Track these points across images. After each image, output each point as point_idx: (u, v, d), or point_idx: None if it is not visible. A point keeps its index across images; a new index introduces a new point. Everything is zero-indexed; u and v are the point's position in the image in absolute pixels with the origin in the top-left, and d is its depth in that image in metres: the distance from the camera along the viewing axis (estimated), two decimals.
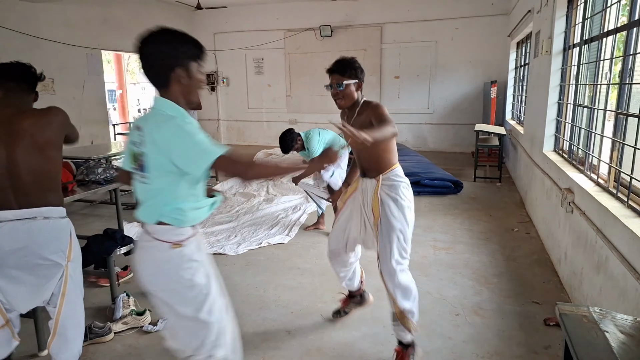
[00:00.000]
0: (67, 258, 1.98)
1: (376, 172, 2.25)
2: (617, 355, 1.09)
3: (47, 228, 1.90)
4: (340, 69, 2.17)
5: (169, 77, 1.45)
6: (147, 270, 1.55)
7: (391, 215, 2.18)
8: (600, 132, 2.99)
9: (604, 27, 3.04)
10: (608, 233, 2.29)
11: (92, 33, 7.91)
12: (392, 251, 2.17)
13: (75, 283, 2.05)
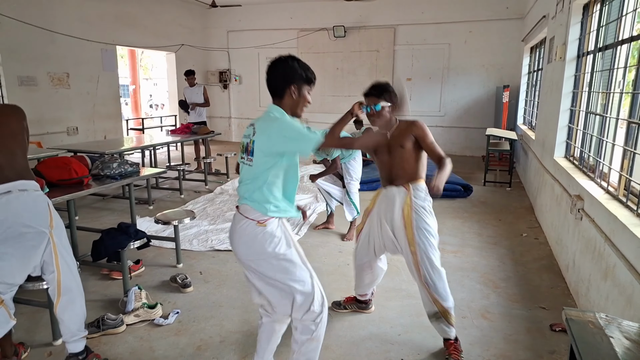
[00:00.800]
0: (50, 226, 2.12)
1: (406, 180, 2.38)
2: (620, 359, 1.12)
3: (23, 199, 2.05)
4: (376, 92, 2.35)
5: (285, 90, 1.85)
6: (239, 243, 1.88)
7: (425, 222, 2.32)
8: (611, 140, 2.99)
9: (619, 35, 3.04)
10: (617, 241, 2.30)
11: (107, 28, 8.04)
12: (432, 256, 2.31)
13: (65, 247, 2.20)
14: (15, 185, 2.04)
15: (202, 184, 6.42)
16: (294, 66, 1.86)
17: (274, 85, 1.87)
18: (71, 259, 2.26)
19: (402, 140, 2.35)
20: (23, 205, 2.05)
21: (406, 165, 2.37)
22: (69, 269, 2.23)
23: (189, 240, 4.10)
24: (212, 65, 11.16)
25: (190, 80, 7.33)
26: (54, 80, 7.12)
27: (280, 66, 1.86)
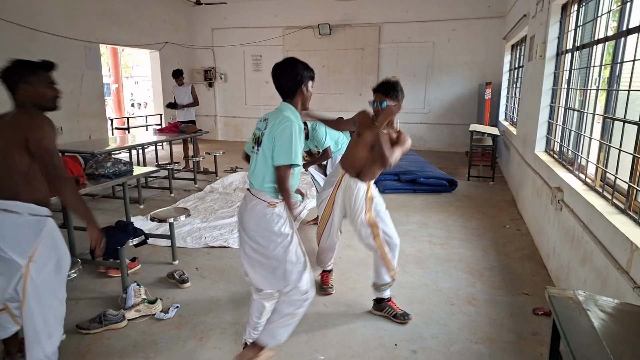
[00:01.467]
0: (29, 257, 1.89)
1: (369, 179, 2.73)
2: (597, 330, 1.25)
3: (6, 220, 1.88)
4: (385, 90, 2.50)
5: (297, 90, 2.09)
6: (249, 219, 2.08)
7: (378, 208, 2.75)
8: (589, 135, 3.17)
9: (595, 35, 3.22)
10: (594, 228, 2.47)
11: (90, 26, 7.92)
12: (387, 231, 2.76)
13: (37, 287, 1.91)
14: (2, 204, 1.88)
15: (191, 183, 6.45)
16: (300, 68, 2.08)
17: (286, 87, 2.10)
18: (39, 306, 1.92)
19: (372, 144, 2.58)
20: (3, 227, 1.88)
21: (377, 170, 2.66)
22: (30, 317, 1.92)
23: (182, 237, 4.15)
24: (197, 63, 11.12)
25: (179, 81, 7.33)
26: None
27: (288, 70, 2.07)
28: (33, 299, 1.91)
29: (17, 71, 1.93)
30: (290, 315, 2.13)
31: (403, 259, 3.70)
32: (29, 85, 1.93)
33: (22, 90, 1.93)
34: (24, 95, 1.93)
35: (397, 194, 5.87)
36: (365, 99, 10.29)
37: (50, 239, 1.95)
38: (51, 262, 1.95)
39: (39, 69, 1.96)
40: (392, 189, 5.92)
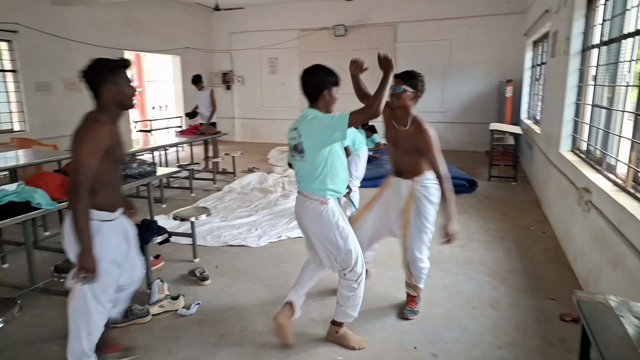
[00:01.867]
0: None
1: (412, 175, 2.59)
2: (632, 337, 1.19)
3: (68, 223, 1.97)
4: (403, 76, 2.52)
5: (319, 96, 2.22)
6: (308, 221, 2.29)
7: (423, 213, 2.59)
8: (618, 133, 3.06)
9: (624, 28, 3.10)
10: (625, 231, 2.37)
11: (116, 34, 8.21)
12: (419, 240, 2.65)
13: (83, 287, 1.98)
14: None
15: (210, 183, 6.52)
16: (322, 75, 2.22)
17: (310, 92, 2.25)
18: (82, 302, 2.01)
19: (407, 145, 2.53)
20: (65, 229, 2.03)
21: (411, 166, 2.58)
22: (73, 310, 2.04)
23: (202, 236, 4.19)
24: (216, 66, 11.24)
25: (198, 86, 7.44)
26: (67, 85, 7.30)
27: (311, 76, 2.23)
28: (78, 297, 2.00)
29: (100, 71, 1.90)
30: (354, 297, 2.37)
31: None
32: (112, 84, 1.90)
33: (106, 90, 1.90)
34: (108, 95, 1.91)
35: None
36: None
37: (100, 244, 1.95)
38: (102, 266, 1.97)
39: (119, 68, 1.93)
40: None
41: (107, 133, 1.90)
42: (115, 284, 2.11)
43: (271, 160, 8.46)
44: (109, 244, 2.01)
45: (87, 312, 2.02)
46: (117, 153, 1.98)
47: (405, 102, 2.51)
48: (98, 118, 1.92)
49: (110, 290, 2.09)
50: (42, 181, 2.90)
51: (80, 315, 2.03)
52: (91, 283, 1.94)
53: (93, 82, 1.91)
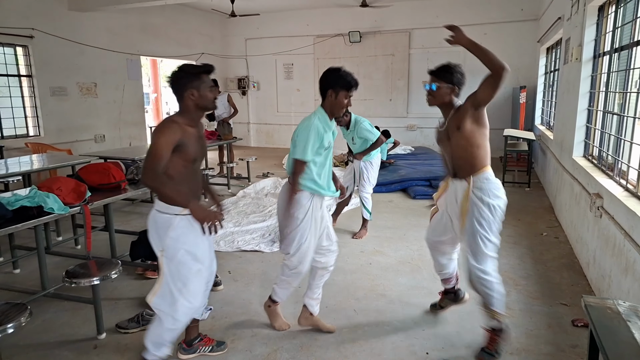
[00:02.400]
0: (161, 251, 2.10)
1: (466, 173, 2.33)
2: (638, 341, 1.21)
3: (152, 217, 2.12)
4: (437, 72, 2.38)
5: (325, 94, 2.39)
6: (280, 199, 2.52)
7: (479, 220, 2.29)
8: (629, 139, 3.05)
9: (635, 36, 3.09)
10: (636, 236, 2.36)
11: (132, 39, 8.36)
12: (479, 250, 2.32)
13: (167, 276, 2.09)
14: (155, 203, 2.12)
15: (225, 188, 6.61)
16: (332, 74, 2.35)
17: (320, 90, 2.42)
18: (168, 294, 2.11)
19: (459, 121, 2.28)
20: (150, 223, 2.13)
21: (465, 154, 2.30)
22: (161, 300, 2.13)
23: (215, 241, 4.25)
24: (231, 72, 11.42)
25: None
26: (83, 90, 7.45)
27: (324, 75, 2.39)
28: (163, 286, 2.12)
29: (185, 77, 2.04)
30: (283, 281, 2.61)
31: None
32: (195, 89, 2.04)
33: (189, 94, 2.04)
34: (190, 99, 2.05)
35: (430, 199, 5.79)
36: (395, 105, 10.25)
37: (175, 233, 2.05)
38: (177, 257, 2.07)
39: (202, 73, 2.07)
40: (424, 194, 5.85)
41: (179, 130, 2.00)
42: (196, 278, 2.14)
43: (286, 166, 8.53)
44: (182, 237, 2.07)
45: (173, 305, 2.10)
46: (190, 151, 2.04)
47: (443, 99, 2.35)
48: (173, 119, 2.06)
49: (193, 285, 2.13)
50: (56, 186, 2.90)
51: (165, 306, 2.12)
52: (220, 226, 2.10)
53: (177, 87, 2.05)
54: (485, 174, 2.32)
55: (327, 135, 2.41)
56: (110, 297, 3.18)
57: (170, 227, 2.05)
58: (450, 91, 2.34)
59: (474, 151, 2.29)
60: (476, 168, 2.31)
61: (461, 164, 2.35)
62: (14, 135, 6.55)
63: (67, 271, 2.60)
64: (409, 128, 9.96)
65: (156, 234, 2.10)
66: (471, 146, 2.29)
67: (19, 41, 6.41)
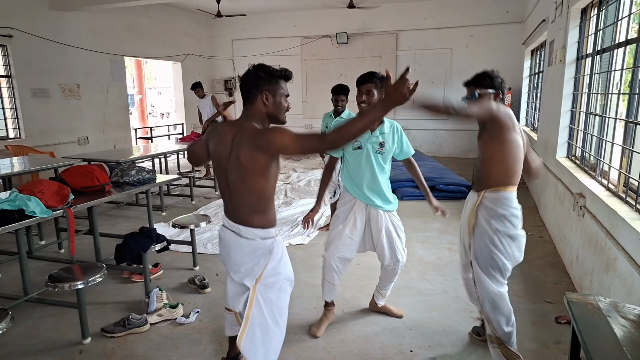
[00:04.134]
0: (256, 279, 1.83)
1: (481, 186, 2.15)
2: (618, 336, 1.24)
3: (248, 246, 1.84)
4: (474, 80, 2.18)
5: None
6: None
7: (485, 241, 2.11)
8: (611, 139, 3.11)
9: (616, 39, 3.17)
10: (617, 235, 2.42)
11: (116, 40, 8.24)
12: (484, 274, 2.15)
13: (262, 308, 1.81)
14: (239, 229, 1.83)
15: (212, 190, 6.57)
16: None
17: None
18: (263, 331, 1.82)
19: (482, 128, 2.13)
20: (239, 251, 1.86)
21: (483, 171, 2.13)
22: (251, 339, 1.82)
23: (203, 244, 4.23)
24: (218, 73, 11.36)
25: (199, 93, 7.44)
26: (66, 92, 7.31)
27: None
28: (254, 323, 1.81)
29: (260, 77, 1.75)
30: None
31: (422, 266, 3.69)
32: (270, 94, 1.75)
33: (262, 98, 1.74)
34: (261, 104, 1.74)
35: (417, 200, 5.83)
36: None
37: (276, 260, 1.86)
38: (282, 287, 1.87)
39: (280, 78, 1.79)
40: (411, 195, 5.90)
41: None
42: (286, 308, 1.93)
43: None
44: (285, 260, 1.92)
45: (268, 339, 1.83)
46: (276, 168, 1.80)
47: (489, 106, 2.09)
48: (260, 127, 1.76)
49: (286, 313, 1.91)
50: (38, 189, 2.80)
51: (259, 348, 1.82)
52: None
53: (249, 87, 1.75)
54: (501, 194, 2.11)
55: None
56: (95, 301, 3.13)
57: (272, 252, 1.85)
58: (495, 97, 2.13)
59: (491, 167, 2.11)
60: (489, 184, 2.11)
61: (478, 176, 2.20)
62: None
63: (51, 275, 2.55)
64: None
65: (252, 264, 1.84)
66: (489, 161, 2.11)
67: None
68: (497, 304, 2.15)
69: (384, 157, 2.55)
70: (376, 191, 2.55)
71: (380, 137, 2.52)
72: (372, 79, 2.46)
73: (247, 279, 1.85)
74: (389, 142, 2.53)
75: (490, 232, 2.10)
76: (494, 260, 2.12)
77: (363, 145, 2.52)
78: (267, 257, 1.84)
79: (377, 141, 2.51)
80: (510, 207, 2.12)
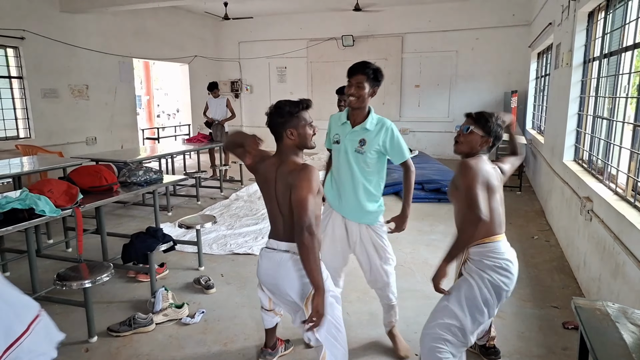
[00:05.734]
0: (307, 298, 1.88)
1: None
2: (627, 342, 1.23)
3: (290, 262, 1.90)
4: (475, 116, 2.05)
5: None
6: None
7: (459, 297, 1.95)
8: (619, 143, 3.09)
9: (623, 42, 3.15)
10: (625, 239, 2.40)
11: (124, 41, 8.33)
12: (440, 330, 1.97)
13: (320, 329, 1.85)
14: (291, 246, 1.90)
15: (217, 191, 6.59)
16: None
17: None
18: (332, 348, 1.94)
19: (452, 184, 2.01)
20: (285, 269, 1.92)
21: (459, 217, 1.98)
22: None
23: (208, 244, 4.25)
24: (224, 75, 11.41)
25: (214, 93, 7.52)
26: (75, 92, 7.39)
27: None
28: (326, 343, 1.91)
29: (283, 116, 1.87)
30: None
31: (427, 269, 3.68)
32: (294, 129, 1.88)
33: (289, 133, 1.88)
34: (290, 139, 1.89)
35: (422, 203, 5.82)
36: (388, 109, 10.28)
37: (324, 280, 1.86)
38: (327, 302, 1.86)
39: (301, 111, 1.90)
40: (416, 198, 5.88)
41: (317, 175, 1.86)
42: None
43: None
44: (329, 279, 1.99)
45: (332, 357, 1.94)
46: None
47: (472, 147, 1.98)
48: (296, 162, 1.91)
49: (342, 328, 2.01)
50: (47, 188, 2.83)
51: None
52: (317, 328, 1.82)
53: (275, 128, 1.91)
54: (488, 246, 1.93)
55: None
56: (101, 300, 3.16)
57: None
58: (482, 141, 1.98)
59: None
60: (476, 236, 1.88)
61: (458, 225, 1.99)
62: (4, 137, 6.45)
63: (59, 274, 2.57)
64: (402, 132, 9.98)
65: (303, 283, 1.89)
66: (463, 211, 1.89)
67: (10, 42, 6.34)
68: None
69: (365, 159, 2.27)
70: (355, 199, 2.30)
71: (361, 134, 2.28)
72: (364, 70, 2.23)
73: (298, 298, 1.92)
74: (373, 141, 2.25)
75: (479, 279, 1.91)
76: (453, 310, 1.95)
77: (341, 139, 2.32)
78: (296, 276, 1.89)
79: (357, 138, 2.29)
80: (500, 259, 1.92)
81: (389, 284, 2.45)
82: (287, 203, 1.86)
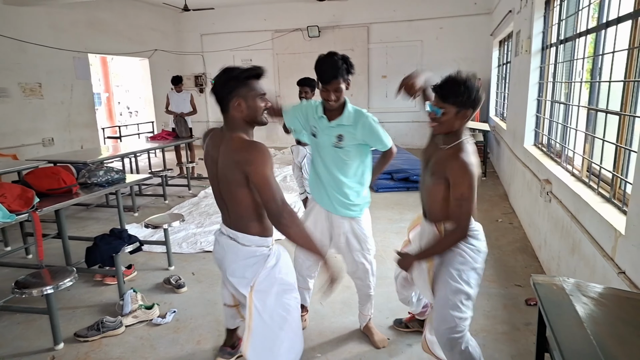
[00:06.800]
0: (250, 286, 1.77)
1: (436, 218, 1.89)
2: (580, 313, 1.30)
3: (239, 250, 1.80)
4: (443, 92, 1.78)
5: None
6: None
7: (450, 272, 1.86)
8: (574, 127, 3.23)
9: (577, 28, 3.27)
10: (581, 218, 2.52)
11: (78, 36, 7.93)
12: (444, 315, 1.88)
13: (262, 315, 1.75)
14: (237, 235, 1.80)
15: (185, 189, 6.46)
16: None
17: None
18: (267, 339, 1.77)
19: (437, 169, 1.83)
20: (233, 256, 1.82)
21: (437, 205, 1.87)
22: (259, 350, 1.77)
23: (178, 243, 4.16)
24: (187, 69, 11.12)
25: (178, 87, 7.30)
26: (27, 91, 6.99)
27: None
28: (258, 333, 1.75)
29: (227, 82, 1.66)
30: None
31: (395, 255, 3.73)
32: (242, 99, 1.66)
33: (235, 104, 1.66)
34: (235, 111, 1.67)
35: (391, 192, 5.91)
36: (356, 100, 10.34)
37: (272, 269, 1.81)
38: (272, 290, 1.79)
39: (249, 78, 1.68)
40: (386, 187, 5.97)
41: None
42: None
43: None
44: (280, 266, 1.85)
45: (275, 346, 1.78)
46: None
47: (452, 126, 1.79)
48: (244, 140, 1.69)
49: (294, 317, 1.88)
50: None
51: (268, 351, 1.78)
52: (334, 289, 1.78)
53: (221, 96, 1.68)
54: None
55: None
56: (67, 306, 3.04)
57: (266, 260, 1.82)
58: (461, 116, 1.76)
59: (442, 205, 1.84)
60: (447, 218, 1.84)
61: (432, 207, 1.92)
62: None
63: (17, 281, 2.46)
64: None
65: (246, 270, 1.80)
66: (441, 199, 1.83)
67: None
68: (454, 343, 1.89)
69: (346, 152, 2.22)
70: (337, 192, 2.26)
71: (338, 129, 2.21)
72: (337, 74, 2.11)
73: (242, 286, 1.80)
74: (351, 136, 2.19)
75: (453, 270, 1.86)
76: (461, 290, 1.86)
77: (317, 133, 2.25)
78: (262, 264, 1.79)
79: (334, 133, 2.22)
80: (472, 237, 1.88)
81: (368, 271, 2.46)
82: (229, 186, 1.69)
